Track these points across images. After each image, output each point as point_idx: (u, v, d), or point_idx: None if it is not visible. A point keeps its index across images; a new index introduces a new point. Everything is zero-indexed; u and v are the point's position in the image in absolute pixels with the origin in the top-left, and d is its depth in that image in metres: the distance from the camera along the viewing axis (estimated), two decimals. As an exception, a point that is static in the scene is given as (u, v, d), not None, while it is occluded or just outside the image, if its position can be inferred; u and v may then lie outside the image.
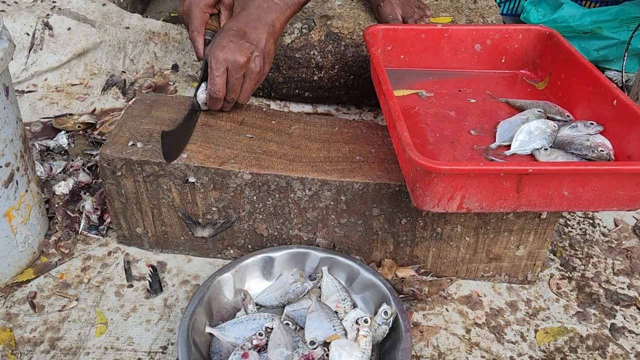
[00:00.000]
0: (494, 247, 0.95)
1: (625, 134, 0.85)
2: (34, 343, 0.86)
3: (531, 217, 0.90)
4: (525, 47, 1.09)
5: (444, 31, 1.08)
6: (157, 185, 0.92)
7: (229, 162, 0.90)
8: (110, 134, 0.97)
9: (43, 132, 1.29)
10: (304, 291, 0.89)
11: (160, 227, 0.98)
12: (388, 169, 0.91)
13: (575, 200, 0.77)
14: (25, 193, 0.92)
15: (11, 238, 0.91)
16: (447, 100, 1.03)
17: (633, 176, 0.75)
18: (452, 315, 0.94)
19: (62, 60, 1.43)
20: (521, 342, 0.90)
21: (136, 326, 0.89)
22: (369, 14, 1.28)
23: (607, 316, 0.96)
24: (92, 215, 1.05)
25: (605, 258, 1.07)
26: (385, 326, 0.82)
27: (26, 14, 1.41)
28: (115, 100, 1.40)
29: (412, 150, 0.73)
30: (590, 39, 1.63)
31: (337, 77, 1.27)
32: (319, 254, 0.92)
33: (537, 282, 1.00)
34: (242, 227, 0.96)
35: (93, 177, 1.14)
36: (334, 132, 1.00)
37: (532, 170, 0.73)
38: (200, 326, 0.82)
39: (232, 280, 0.89)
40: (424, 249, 0.96)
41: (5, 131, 0.84)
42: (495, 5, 1.33)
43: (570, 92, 0.98)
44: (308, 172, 0.89)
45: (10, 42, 0.82)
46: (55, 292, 0.94)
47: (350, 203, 0.91)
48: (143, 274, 0.97)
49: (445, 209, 0.76)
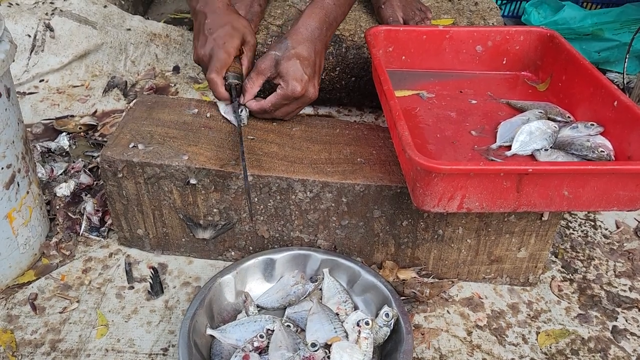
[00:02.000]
0: (496, 249, 0.94)
1: (625, 135, 0.85)
2: (35, 345, 0.86)
3: (533, 219, 0.90)
4: (526, 49, 1.09)
5: (445, 32, 1.08)
6: (158, 187, 0.92)
7: (230, 163, 0.90)
8: (111, 135, 0.97)
9: (44, 133, 1.29)
10: (305, 293, 0.88)
11: (162, 229, 0.98)
12: (389, 170, 0.91)
13: (576, 200, 0.77)
14: (26, 195, 0.92)
15: (12, 240, 0.92)
16: (448, 101, 1.03)
17: (633, 176, 0.75)
18: (454, 317, 0.94)
19: (64, 61, 1.43)
20: (523, 345, 0.90)
21: (137, 328, 0.89)
22: (370, 16, 1.28)
23: (609, 318, 0.95)
24: (93, 216, 1.05)
25: (607, 260, 1.07)
26: (386, 328, 0.82)
27: (27, 16, 1.41)
28: (116, 101, 1.40)
29: (413, 150, 0.73)
30: (591, 40, 1.63)
31: (338, 78, 1.27)
32: (320, 256, 0.92)
33: (539, 284, 1.00)
34: (243, 228, 0.96)
35: (94, 179, 1.14)
36: (335, 134, 1.00)
37: (531, 170, 0.73)
38: (201, 328, 0.82)
39: (233, 282, 0.89)
40: (425, 251, 0.96)
41: (6, 133, 0.84)
42: (496, 7, 1.33)
43: (571, 94, 0.98)
44: (309, 174, 0.89)
45: (11, 43, 0.82)
46: (56, 294, 0.94)
47: (351, 205, 0.91)
48: (144, 276, 0.97)
49: (446, 208, 0.76)
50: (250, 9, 1.18)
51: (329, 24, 0.98)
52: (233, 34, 0.95)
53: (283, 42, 0.95)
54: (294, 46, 0.94)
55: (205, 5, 0.97)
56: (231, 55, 0.94)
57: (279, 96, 0.94)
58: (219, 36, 0.94)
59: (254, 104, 0.97)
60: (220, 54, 0.93)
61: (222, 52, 0.93)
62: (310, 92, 0.94)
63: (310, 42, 0.95)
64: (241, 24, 0.98)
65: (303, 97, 0.94)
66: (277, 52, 0.95)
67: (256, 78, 0.96)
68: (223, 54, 0.93)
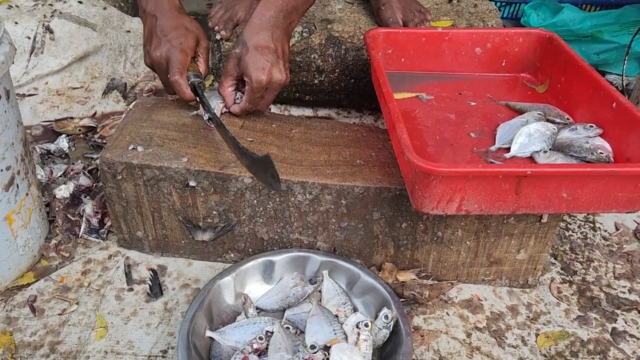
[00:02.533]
0: (495, 250, 0.94)
1: (624, 136, 0.85)
2: (34, 347, 0.86)
3: (532, 221, 0.90)
4: (525, 51, 1.09)
5: (444, 34, 1.08)
6: (157, 189, 0.92)
7: (230, 165, 0.90)
8: (110, 137, 0.97)
9: (44, 135, 1.29)
10: (305, 295, 0.88)
11: (161, 231, 0.98)
12: (389, 172, 0.91)
13: (574, 202, 0.77)
14: (25, 196, 0.92)
15: (11, 241, 0.92)
16: (448, 103, 1.03)
17: (631, 178, 0.75)
18: (453, 319, 0.94)
19: (63, 63, 1.43)
20: (522, 347, 0.90)
21: (136, 330, 0.89)
22: (369, 18, 1.28)
23: (608, 320, 0.95)
24: (93, 218, 1.05)
25: (606, 262, 1.07)
26: (385, 330, 0.82)
27: (27, 18, 1.41)
28: (115, 103, 1.40)
29: (411, 152, 0.73)
30: (590, 42, 1.63)
31: (338, 80, 1.27)
32: (319, 258, 0.92)
33: (538, 286, 1.00)
34: (243, 230, 0.96)
35: (93, 181, 1.14)
36: (335, 136, 1.00)
37: (530, 173, 0.73)
38: (201, 330, 0.82)
39: (232, 284, 0.89)
40: (425, 253, 0.96)
41: (6, 135, 0.84)
42: (495, 9, 1.33)
43: (570, 95, 0.98)
44: (308, 176, 0.89)
45: (11, 45, 0.82)
46: (56, 296, 0.94)
47: (350, 207, 0.91)
48: (143, 278, 0.97)
49: (445, 211, 0.76)
50: (249, 10, 1.18)
51: (288, 12, 0.96)
52: (187, 35, 0.96)
53: (240, 38, 0.95)
54: (249, 38, 0.93)
55: (156, 7, 0.97)
56: (188, 56, 0.95)
57: (249, 91, 0.94)
58: (173, 37, 0.94)
59: (236, 107, 0.99)
60: (178, 54, 0.93)
61: (179, 52, 0.93)
62: (276, 77, 0.93)
63: (266, 30, 0.94)
64: (194, 26, 0.99)
65: (271, 84, 0.94)
66: (237, 49, 0.95)
67: (225, 81, 0.97)
68: (180, 54, 0.93)
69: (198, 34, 0.98)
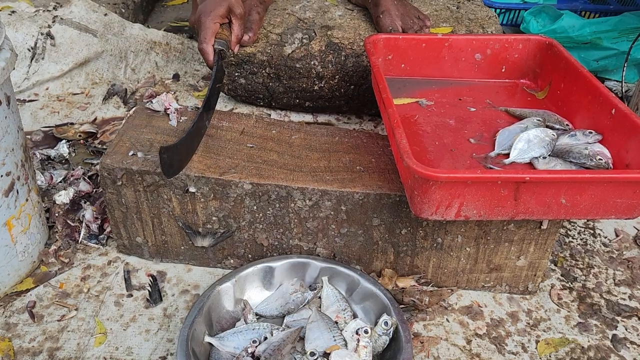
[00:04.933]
0: (495, 257, 0.94)
1: (623, 142, 0.85)
2: (33, 353, 0.85)
3: (532, 228, 0.90)
4: (525, 57, 1.09)
5: (444, 41, 1.08)
6: (157, 194, 0.92)
7: (230, 171, 0.90)
8: (111, 143, 0.97)
9: (44, 141, 1.29)
10: (304, 301, 0.88)
11: (160, 237, 0.98)
12: (388, 179, 0.91)
13: (573, 208, 0.77)
14: (25, 202, 0.92)
15: (11, 247, 0.91)
16: (447, 109, 1.03)
17: (630, 184, 0.75)
18: (453, 325, 0.93)
19: (64, 69, 1.44)
20: (522, 353, 0.90)
21: (135, 336, 0.89)
22: (369, 25, 1.28)
23: (609, 327, 0.95)
24: (92, 224, 1.05)
25: (607, 268, 1.06)
26: (385, 337, 0.82)
27: (28, 24, 1.42)
28: (116, 109, 1.40)
29: (410, 157, 0.73)
30: (589, 49, 1.64)
31: (338, 87, 1.28)
32: (319, 264, 0.92)
33: (538, 293, 1.00)
34: (242, 236, 0.96)
35: (93, 187, 1.14)
36: (335, 142, 1.00)
37: (529, 179, 0.73)
38: (200, 336, 0.82)
39: (232, 290, 0.89)
40: (425, 259, 0.95)
41: (6, 140, 0.84)
42: (495, 15, 1.34)
43: (570, 102, 0.99)
44: (308, 182, 0.89)
45: (12, 51, 0.83)
46: (55, 302, 0.93)
47: (350, 213, 0.91)
48: (143, 284, 0.97)
49: (443, 216, 0.76)
50: (249, 17, 1.19)
51: None
52: (221, 3, 1.04)
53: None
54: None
55: None
56: (217, 23, 1.04)
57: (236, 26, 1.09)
58: (206, 5, 1.05)
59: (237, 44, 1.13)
60: (207, 22, 1.03)
61: (209, 20, 1.03)
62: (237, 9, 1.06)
63: None
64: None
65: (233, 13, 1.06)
66: None
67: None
68: (209, 22, 1.03)
69: (231, 2, 1.06)
